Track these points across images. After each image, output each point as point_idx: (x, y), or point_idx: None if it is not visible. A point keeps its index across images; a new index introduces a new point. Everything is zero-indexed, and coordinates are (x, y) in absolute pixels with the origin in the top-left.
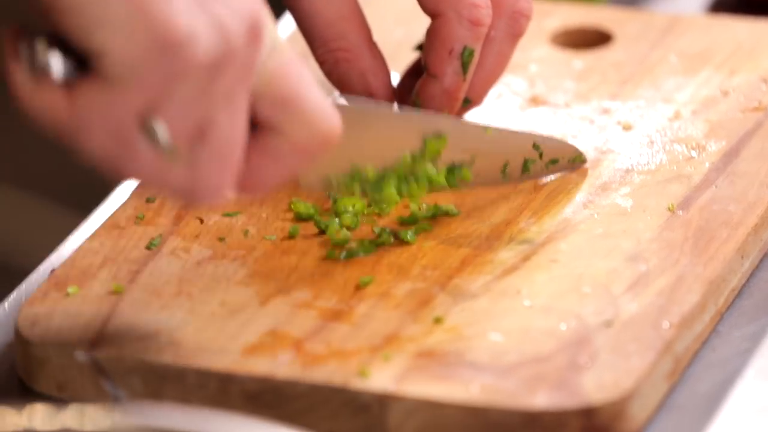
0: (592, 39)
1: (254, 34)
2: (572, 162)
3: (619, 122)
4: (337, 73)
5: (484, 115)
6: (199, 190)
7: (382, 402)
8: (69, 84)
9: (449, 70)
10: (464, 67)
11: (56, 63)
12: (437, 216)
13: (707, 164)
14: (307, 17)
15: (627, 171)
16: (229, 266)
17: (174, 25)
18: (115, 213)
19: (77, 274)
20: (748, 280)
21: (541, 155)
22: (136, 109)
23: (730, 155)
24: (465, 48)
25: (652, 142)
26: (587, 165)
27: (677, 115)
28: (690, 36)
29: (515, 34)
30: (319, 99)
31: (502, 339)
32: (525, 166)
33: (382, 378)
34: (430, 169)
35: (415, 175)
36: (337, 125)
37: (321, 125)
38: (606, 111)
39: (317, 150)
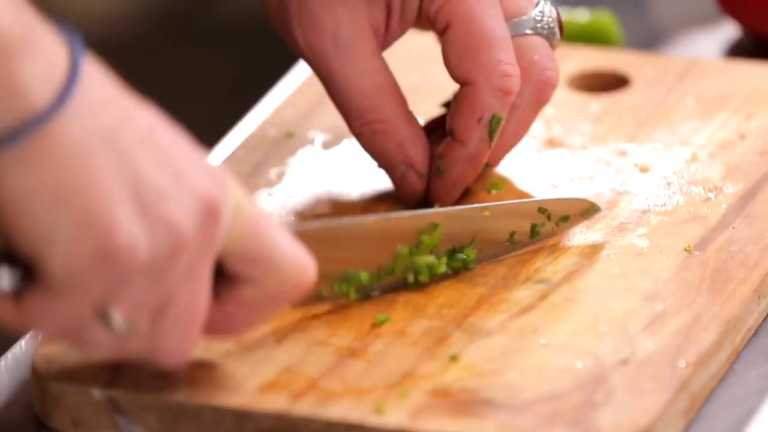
0: (609, 82)
1: (210, 216)
2: (584, 215)
3: (636, 164)
4: (374, 145)
5: (503, 162)
6: (161, 356)
7: None
8: (17, 293)
9: (476, 137)
10: (491, 134)
11: (4, 277)
12: (455, 266)
13: (724, 206)
14: (342, 90)
15: (644, 212)
16: None
17: (115, 235)
18: None
19: None
20: (764, 320)
21: (549, 217)
22: (86, 309)
23: (747, 197)
24: (493, 116)
25: (669, 184)
26: (604, 206)
27: (694, 158)
28: (707, 80)
29: (540, 102)
30: (288, 250)
31: (518, 377)
32: (533, 231)
33: (398, 415)
34: (429, 259)
35: (414, 267)
36: (310, 270)
37: (293, 275)
38: (623, 153)
39: (291, 296)
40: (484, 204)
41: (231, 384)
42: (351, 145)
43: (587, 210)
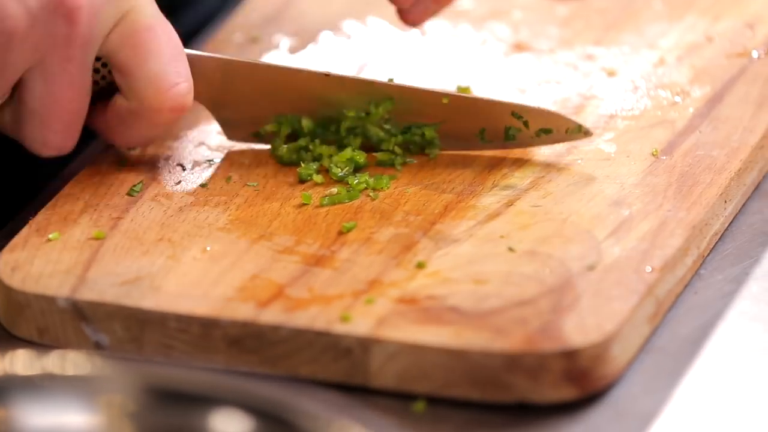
0: None
1: (64, 16)
2: (571, 135)
3: (603, 68)
4: None
5: (467, 62)
6: (36, 146)
7: (364, 346)
8: None
9: None
10: None
11: None
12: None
13: (691, 110)
14: None
15: (611, 116)
16: (211, 212)
17: None
18: (95, 159)
19: (58, 220)
20: (730, 224)
21: (526, 124)
22: None
23: (714, 101)
24: None
25: (636, 88)
26: (571, 111)
27: (661, 61)
28: None
29: None
30: (159, 69)
31: (485, 284)
32: (507, 134)
33: (364, 322)
34: (380, 132)
35: (364, 130)
36: (174, 94)
37: (161, 93)
38: (590, 57)
39: (165, 114)
40: (444, 90)
41: (197, 292)
42: (316, 50)
43: (574, 130)
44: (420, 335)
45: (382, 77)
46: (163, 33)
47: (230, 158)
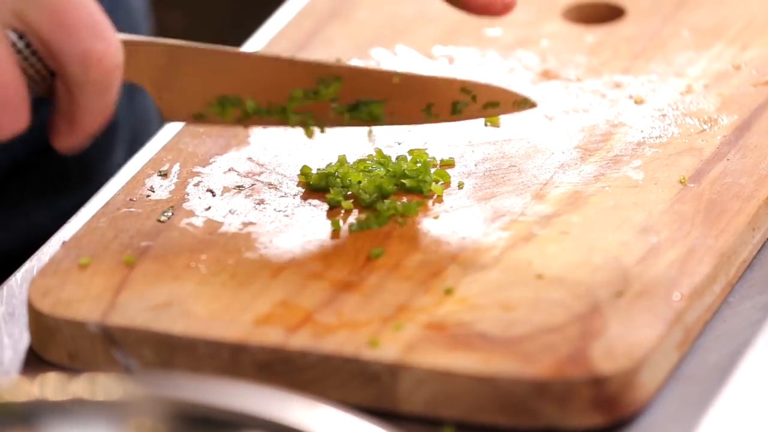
0: (604, 14)
1: None
2: (518, 106)
3: (631, 96)
4: None
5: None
6: None
7: (393, 372)
8: None
9: None
10: None
11: None
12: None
13: (719, 138)
14: None
15: (638, 144)
16: (240, 238)
17: None
18: (126, 186)
19: (89, 245)
20: (758, 252)
21: (474, 98)
22: None
23: (742, 129)
24: None
25: (663, 116)
26: (599, 139)
27: (689, 89)
28: (702, 10)
29: None
30: (86, 39)
31: (513, 310)
32: (455, 108)
33: (392, 348)
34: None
35: (311, 113)
36: (110, 60)
37: (90, 67)
38: (618, 85)
39: (101, 83)
40: (394, 70)
41: (227, 317)
42: None
43: (521, 103)
44: (448, 361)
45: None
46: (84, 7)
47: (259, 184)
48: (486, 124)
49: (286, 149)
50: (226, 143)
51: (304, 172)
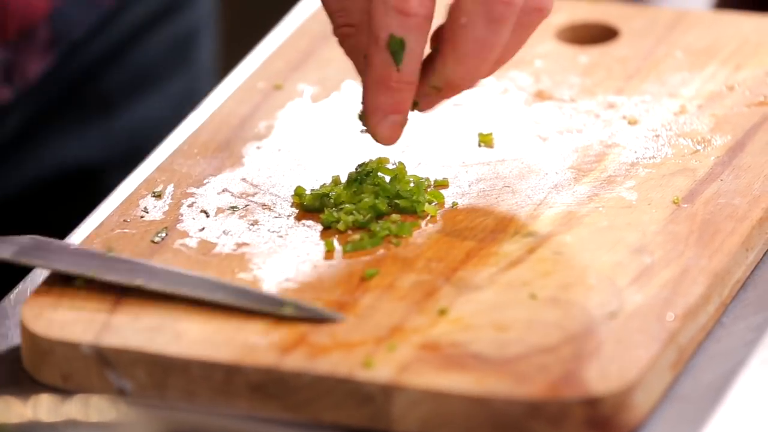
0: (598, 34)
1: None
2: None
3: (625, 117)
4: (345, 49)
5: (489, 110)
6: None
7: (387, 392)
8: None
9: (377, 59)
10: (395, 55)
11: None
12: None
13: (713, 158)
14: None
15: (632, 164)
16: (233, 259)
17: None
18: (120, 206)
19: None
20: (752, 273)
21: None
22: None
23: (736, 149)
24: (392, 36)
25: (657, 137)
26: (593, 159)
27: (683, 110)
28: (696, 31)
29: (491, 19)
30: None
31: (507, 330)
32: None
33: (386, 369)
34: None
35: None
36: None
37: None
38: (611, 106)
39: None
40: None
41: (220, 338)
42: (340, 98)
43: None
44: (442, 382)
45: (406, 127)
46: None
47: (253, 205)
48: (480, 145)
49: (279, 170)
50: (220, 164)
51: (298, 192)
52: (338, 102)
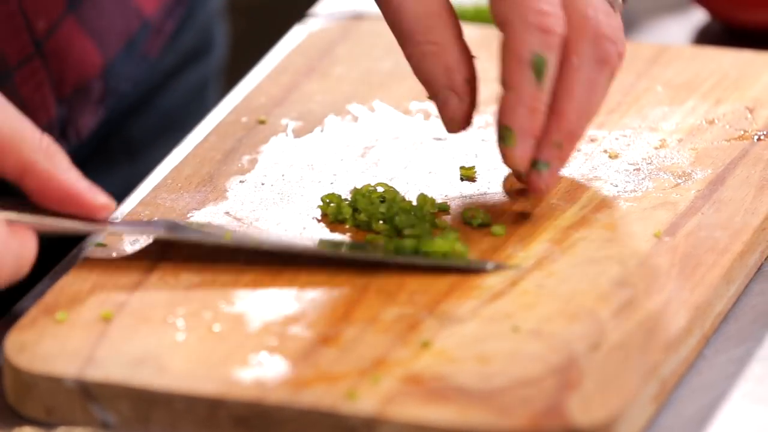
0: None
1: None
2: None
3: (606, 150)
4: (422, 68)
5: (471, 144)
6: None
7: (370, 425)
8: None
9: (522, 79)
10: (537, 74)
11: None
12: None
13: (693, 192)
14: (397, 11)
15: (614, 198)
16: (217, 291)
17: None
18: (104, 240)
19: (66, 300)
20: (733, 306)
21: None
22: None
23: (716, 183)
24: (536, 56)
25: (638, 170)
26: (575, 192)
27: (663, 144)
28: (676, 66)
29: (600, 59)
30: None
31: (490, 363)
32: None
33: (369, 401)
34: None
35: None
36: None
37: None
38: (593, 140)
39: None
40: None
41: (204, 372)
42: (322, 133)
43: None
44: (425, 415)
45: (389, 162)
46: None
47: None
48: (462, 178)
49: (263, 204)
50: (203, 198)
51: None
52: (321, 136)
